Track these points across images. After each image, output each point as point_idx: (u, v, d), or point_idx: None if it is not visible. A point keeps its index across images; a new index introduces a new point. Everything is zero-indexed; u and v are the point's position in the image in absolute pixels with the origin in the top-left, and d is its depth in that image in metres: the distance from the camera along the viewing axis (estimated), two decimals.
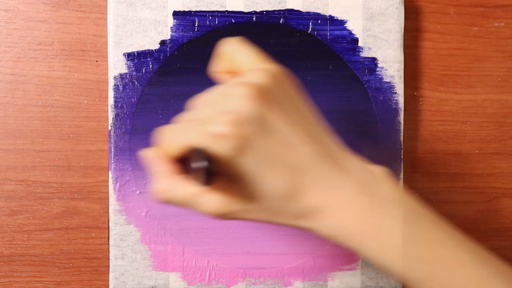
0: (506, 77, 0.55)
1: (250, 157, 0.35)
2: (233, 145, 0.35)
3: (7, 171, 0.52)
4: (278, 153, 0.36)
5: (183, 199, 0.37)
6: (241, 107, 0.35)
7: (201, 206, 0.37)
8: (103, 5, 0.52)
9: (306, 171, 0.37)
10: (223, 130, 0.35)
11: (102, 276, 0.53)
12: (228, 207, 0.37)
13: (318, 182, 0.37)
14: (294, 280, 0.52)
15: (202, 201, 0.37)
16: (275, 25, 0.51)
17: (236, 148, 0.35)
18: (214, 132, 0.35)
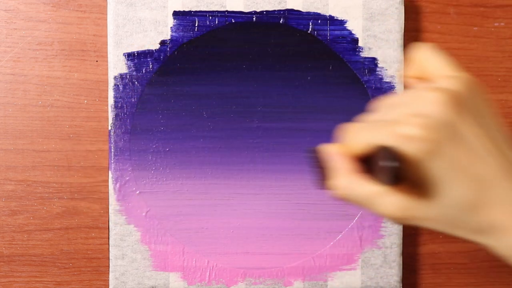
0: (506, 77, 0.55)
1: (439, 162, 0.35)
2: (424, 148, 0.35)
3: (7, 171, 0.52)
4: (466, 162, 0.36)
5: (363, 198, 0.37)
6: (434, 112, 0.35)
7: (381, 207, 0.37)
8: (103, 5, 0.52)
9: (491, 185, 0.36)
10: (415, 132, 0.35)
11: (102, 276, 0.53)
12: (408, 211, 0.36)
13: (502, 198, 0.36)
14: (294, 280, 0.52)
15: (382, 201, 0.37)
16: (275, 25, 0.51)
17: (426, 151, 0.35)
18: (406, 133, 0.35)
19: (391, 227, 0.52)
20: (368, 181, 0.37)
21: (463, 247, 0.55)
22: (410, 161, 0.35)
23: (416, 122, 0.35)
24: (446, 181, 0.36)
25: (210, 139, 0.51)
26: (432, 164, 0.35)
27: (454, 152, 0.36)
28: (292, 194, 0.52)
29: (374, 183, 0.37)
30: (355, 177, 0.38)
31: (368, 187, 0.37)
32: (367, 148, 0.37)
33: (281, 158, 0.52)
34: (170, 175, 0.51)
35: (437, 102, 0.35)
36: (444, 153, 0.35)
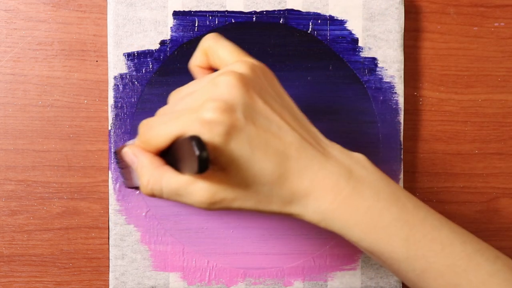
0: (506, 77, 0.55)
1: (240, 143, 0.36)
2: (223, 131, 0.35)
3: (7, 171, 0.52)
4: (266, 138, 0.37)
5: (171, 190, 0.37)
6: (229, 94, 0.36)
7: (190, 196, 0.37)
8: (103, 5, 0.52)
9: (293, 157, 0.37)
10: (213, 117, 0.35)
11: (102, 276, 0.53)
12: (217, 195, 0.37)
13: (304, 167, 0.38)
14: (294, 280, 0.52)
15: (190, 190, 0.37)
16: (275, 25, 0.51)
17: (226, 134, 0.35)
18: (204, 119, 0.35)
19: None
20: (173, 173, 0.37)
21: None
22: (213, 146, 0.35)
23: (212, 107, 0.35)
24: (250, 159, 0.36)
25: None
26: (233, 145, 0.36)
27: (254, 131, 0.36)
28: None
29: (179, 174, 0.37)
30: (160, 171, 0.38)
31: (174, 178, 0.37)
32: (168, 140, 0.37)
33: None
34: None
35: (230, 84, 0.36)
36: (244, 133, 0.36)
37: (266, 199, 0.38)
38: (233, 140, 0.36)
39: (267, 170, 0.37)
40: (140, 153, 0.39)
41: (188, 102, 0.38)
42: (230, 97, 0.36)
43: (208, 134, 0.35)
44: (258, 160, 0.37)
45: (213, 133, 0.35)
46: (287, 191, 0.38)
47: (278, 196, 0.38)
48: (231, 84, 0.36)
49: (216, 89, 0.36)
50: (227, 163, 0.36)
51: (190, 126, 0.36)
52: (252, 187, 0.37)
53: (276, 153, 0.37)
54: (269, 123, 0.37)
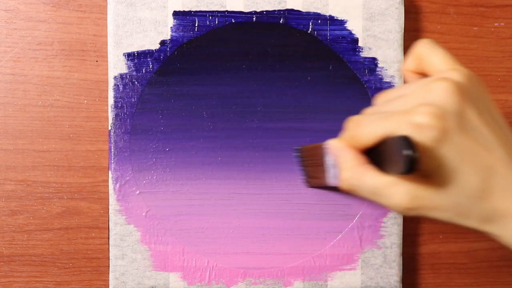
0: (506, 77, 0.55)
1: (449, 150, 0.36)
2: (434, 136, 0.35)
3: (7, 171, 0.52)
4: (476, 150, 0.36)
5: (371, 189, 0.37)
6: (443, 101, 0.36)
7: (389, 198, 0.37)
8: (103, 5, 0.52)
9: (499, 173, 0.37)
10: (426, 121, 0.35)
11: (102, 276, 0.53)
12: (417, 201, 0.36)
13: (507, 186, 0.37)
14: (294, 280, 0.52)
15: (391, 191, 0.37)
16: (275, 25, 0.51)
17: (436, 139, 0.35)
18: (416, 122, 0.35)
19: (391, 227, 0.52)
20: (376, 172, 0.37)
21: (463, 247, 0.55)
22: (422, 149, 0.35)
23: (425, 111, 0.35)
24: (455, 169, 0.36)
25: (210, 139, 0.51)
26: (441, 152, 0.35)
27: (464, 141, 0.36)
28: (292, 194, 0.52)
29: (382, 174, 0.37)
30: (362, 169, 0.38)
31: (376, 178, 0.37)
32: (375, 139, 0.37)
33: (281, 158, 0.52)
34: (170, 175, 0.51)
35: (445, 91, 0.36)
36: (453, 141, 0.36)
37: (465, 213, 0.37)
38: (443, 146, 0.35)
39: (472, 183, 0.36)
40: (345, 149, 0.38)
41: (400, 104, 0.37)
42: (444, 104, 0.36)
43: (419, 137, 0.35)
44: (465, 171, 0.36)
45: (424, 137, 0.35)
46: (488, 208, 0.37)
47: (478, 212, 0.37)
48: (446, 90, 0.36)
49: (430, 94, 0.36)
50: (433, 170, 0.36)
51: (401, 127, 0.36)
52: (454, 198, 0.37)
53: (484, 166, 0.36)
54: (480, 135, 0.37)
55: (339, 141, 0.39)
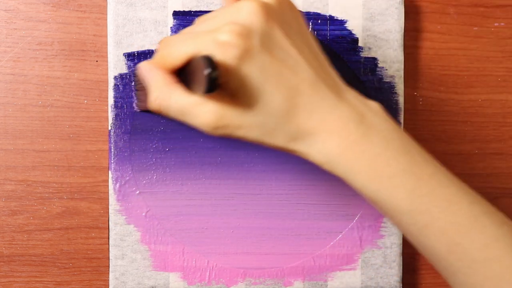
0: (506, 77, 0.55)
1: (252, 69, 0.36)
2: (237, 54, 0.35)
3: (7, 171, 0.52)
4: (280, 71, 0.37)
5: (178, 109, 0.37)
6: (249, 20, 0.36)
7: (196, 117, 0.37)
8: (103, 5, 0.52)
9: (305, 93, 0.37)
10: (229, 39, 0.35)
11: (102, 276, 0.53)
12: (223, 119, 0.37)
13: (315, 106, 0.37)
14: (294, 280, 0.52)
15: (197, 111, 0.37)
16: None
17: (239, 57, 0.35)
18: (220, 40, 0.35)
19: (391, 227, 0.52)
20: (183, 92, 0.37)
21: None
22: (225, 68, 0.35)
23: (229, 29, 0.35)
24: (261, 88, 0.36)
25: (210, 139, 0.51)
26: (244, 71, 0.36)
27: (269, 60, 0.36)
28: (292, 194, 0.52)
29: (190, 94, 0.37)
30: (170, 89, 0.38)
31: (183, 97, 0.37)
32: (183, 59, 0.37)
33: (281, 158, 0.52)
34: (170, 175, 0.51)
35: (251, 11, 0.36)
36: (256, 60, 0.36)
37: (271, 131, 0.37)
38: (245, 64, 0.36)
39: (276, 102, 0.37)
40: (154, 69, 0.38)
41: (209, 24, 0.38)
42: (249, 23, 0.36)
43: (222, 55, 0.35)
44: (268, 90, 0.36)
45: (227, 55, 0.35)
46: (294, 127, 0.37)
47: (284, 131, 0.37)
48: (253, 10, 0.36)
49: (237, 14, 0.37)
50: (237, 89, 0.36)
51: (205, 46, 0.36)
52: (259, 117, 0.37)
53: (288, 86, 0.37)
54: (286, 56, 0.37)
55: (148, 62, 0.39)
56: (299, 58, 0.37)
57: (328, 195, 0.52)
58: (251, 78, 0.36)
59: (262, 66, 0.36)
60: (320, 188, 0.52)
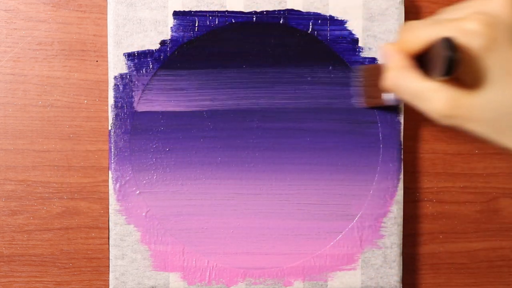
0: None
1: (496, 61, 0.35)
2: (482, 42, 0.35)
3: (7, 171, 0.52)
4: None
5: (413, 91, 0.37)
6: (499, 12, 0.35)
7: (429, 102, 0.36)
8: (103, 5, 0.52)
9: None
10: (475, 27, 0.35)
11: (102, 276, 0.53)
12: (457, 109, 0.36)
13: None
14: (294, 280, 0.52)
15: (432, 96, 0.36)
16: (275, 25, 0.51)
17: (484, 46, 0.35)
18: (467, 27, 0.35)
19: (391, 227, 0.52)
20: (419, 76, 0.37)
21: (463, 247, 0.55)
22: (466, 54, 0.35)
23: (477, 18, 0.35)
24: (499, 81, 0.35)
25: (210, 139, 0.51)
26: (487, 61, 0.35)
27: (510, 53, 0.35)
28: (292, 194, 0.52)
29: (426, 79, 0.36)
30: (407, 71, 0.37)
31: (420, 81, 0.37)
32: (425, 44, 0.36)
33: (281, 158, 0.52)
34: (170, 175, 0.51)
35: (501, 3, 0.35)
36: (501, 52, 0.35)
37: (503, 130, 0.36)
38: (490, 54, 0.35)
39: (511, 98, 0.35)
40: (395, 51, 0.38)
41: (456, 12, 0.37)
42: (499, 14, 0.35)
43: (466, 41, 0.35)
44: (508, 86, 0.35)
45: (471, 42, 0.35)
46: None
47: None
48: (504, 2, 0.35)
49: (487, 5, 0.36)
50: (476, 80, 0.35)
51: (450, 32, 0.35)
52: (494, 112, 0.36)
53: None
54: None
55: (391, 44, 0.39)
56: None
57: (328, 195, 0.52)
58: (492, 70, 0.35)
59: (506, 59, 0.35)
60: (320, 188, 0.52)
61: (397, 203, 0.52)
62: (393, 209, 0.52)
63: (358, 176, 0.52)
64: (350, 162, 0.52)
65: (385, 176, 0.52)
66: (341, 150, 0.52)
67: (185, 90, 0.51)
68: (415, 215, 0.55)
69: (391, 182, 0.52)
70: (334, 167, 0.52)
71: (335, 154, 0.52)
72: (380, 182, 0.52)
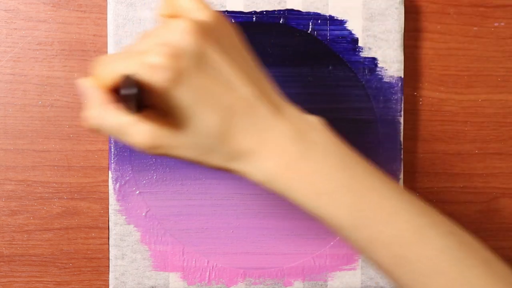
0: (506, 77, 0.55)
1: (185, 91, 0.35)
2: (168, 76, 0.35)
3: (7, 171, 0.52)
4: (214, 91, 0.36)
5: (113, 128, 0.37)
6: (180, 40, 0.35)
7: (131, 137, 0.36)
8: (103, 5, 0.52)
9: (241, 112, 0.37)
10: (160, 61, 0.34)
11: (102, 276, 0.53)
12: (157, 140, 0.36)
13: (252, 125, 0.37)
14: (294, 280, 0.52)
15: (132, 131, 0.36)
16: (275, 25, 0.51)
17: (170, 79, 0.35)
18: (150, 62, 0.35)
19: None
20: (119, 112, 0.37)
21: None
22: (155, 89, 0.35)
23: (160, 51, 0.35)
24: (194, 110, 0.36)
25: None
26: (177, 92, 0.35)
27: (202, 81, 0.36)
28: None
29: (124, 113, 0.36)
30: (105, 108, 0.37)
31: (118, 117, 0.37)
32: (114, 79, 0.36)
33: None
34: (170, 175, 0.51)
35: (184, 31, 0.35)
36: (191, 82, 0.35)
37: (208, 152, 0.37)
38: (177, 87, 0.35)
39: (210, 123, 0.36)
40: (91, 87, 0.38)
41: (143, 44, 0.37)
42: (182, 43, 0.35)
43: (152, 78, 0.34)
44: (202, 112, 0.36)
45: (157, 77, 0.34)
46: (231, 147, 0.37)
47: (221, 151, 0.37)
48: (185, 30, 0.35)
49: (168, 34, 0.36)
50: (171, 110, 0.36)
51: (136, 68, 0.35)
52: (194, 138, 0.36)
53: (223, 107, 0.36)
54: (220, 76, 0.36)
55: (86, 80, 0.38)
56: (234, 78, 0.37)
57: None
58: (183, 99, 0.35)
59: (195, 87, 0.35)
60: None
61: None
62: None
63: None
64: None
65: None
66: None
67: None
68: None
69: None
70: None
71: None
72: None
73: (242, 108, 0.37)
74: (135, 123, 0.36)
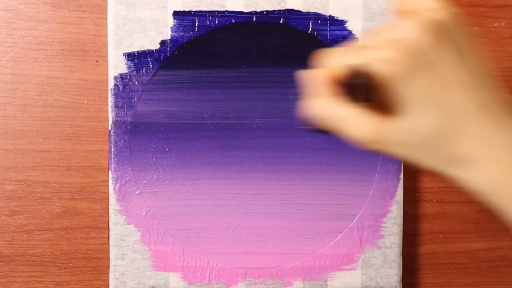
0: (506, 77, 0.55)
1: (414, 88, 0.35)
2: (396, 70, 0.35)
3: (7, 171, 0.52)
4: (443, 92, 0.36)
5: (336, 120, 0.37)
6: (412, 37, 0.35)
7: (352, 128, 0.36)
8: (103, 5, 0.52)
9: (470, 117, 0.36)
10: (391, 55, 0.35)
11: (102, 276, 0.53)
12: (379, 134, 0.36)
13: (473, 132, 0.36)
14: (294, 280, 0.52)
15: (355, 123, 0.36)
16: (275, 25, 0.51)
17: (398, 74, 0.35)
18: (383, 56, 0.35)
19: (391, 227, 0.52)
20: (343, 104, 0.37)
21: (463, 247, 0.55)
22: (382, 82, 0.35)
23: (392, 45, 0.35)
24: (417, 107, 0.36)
25: (210, 139, 0.51)
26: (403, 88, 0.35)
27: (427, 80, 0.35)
28: (292, 194, 0.52)
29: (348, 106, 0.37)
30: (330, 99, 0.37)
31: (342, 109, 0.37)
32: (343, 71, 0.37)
33: (281, 158, 0.52)
34: (170, 175, 0.51)
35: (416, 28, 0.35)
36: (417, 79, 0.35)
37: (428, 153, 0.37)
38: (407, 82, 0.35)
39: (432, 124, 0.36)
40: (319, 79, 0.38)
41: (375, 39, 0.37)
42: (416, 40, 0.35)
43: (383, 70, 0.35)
44: (425, 110, 0.35)
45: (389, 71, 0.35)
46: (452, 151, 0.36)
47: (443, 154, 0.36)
48: (419, 28, 0.35)
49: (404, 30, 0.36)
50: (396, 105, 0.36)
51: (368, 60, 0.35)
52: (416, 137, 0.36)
53: (449, 109, 0.36)
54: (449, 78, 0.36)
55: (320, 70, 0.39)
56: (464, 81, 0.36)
57: (328, 195, 0.52)
58: (409, 96, 0.35)
59: (425, 86, 0.35)
60: (320, 188, 0.52)
61: (397, 203, 0.52)
62: (393, 209, 0.52)
63: (358, 176, 0.52)
64: (350, 162, 0.52)
65: (385, 176, 0.52)
66: (341, 150, 0.52)
67: (185, 90, 0.51)
68: (415, 215, 0.55)
69: (391, 182, 0.52)
70: (334, 167, 0.52)
71: (335, 154, 0.52)
72: (380, 182, 0.52)
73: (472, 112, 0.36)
74: (359, 116, 0.36)
